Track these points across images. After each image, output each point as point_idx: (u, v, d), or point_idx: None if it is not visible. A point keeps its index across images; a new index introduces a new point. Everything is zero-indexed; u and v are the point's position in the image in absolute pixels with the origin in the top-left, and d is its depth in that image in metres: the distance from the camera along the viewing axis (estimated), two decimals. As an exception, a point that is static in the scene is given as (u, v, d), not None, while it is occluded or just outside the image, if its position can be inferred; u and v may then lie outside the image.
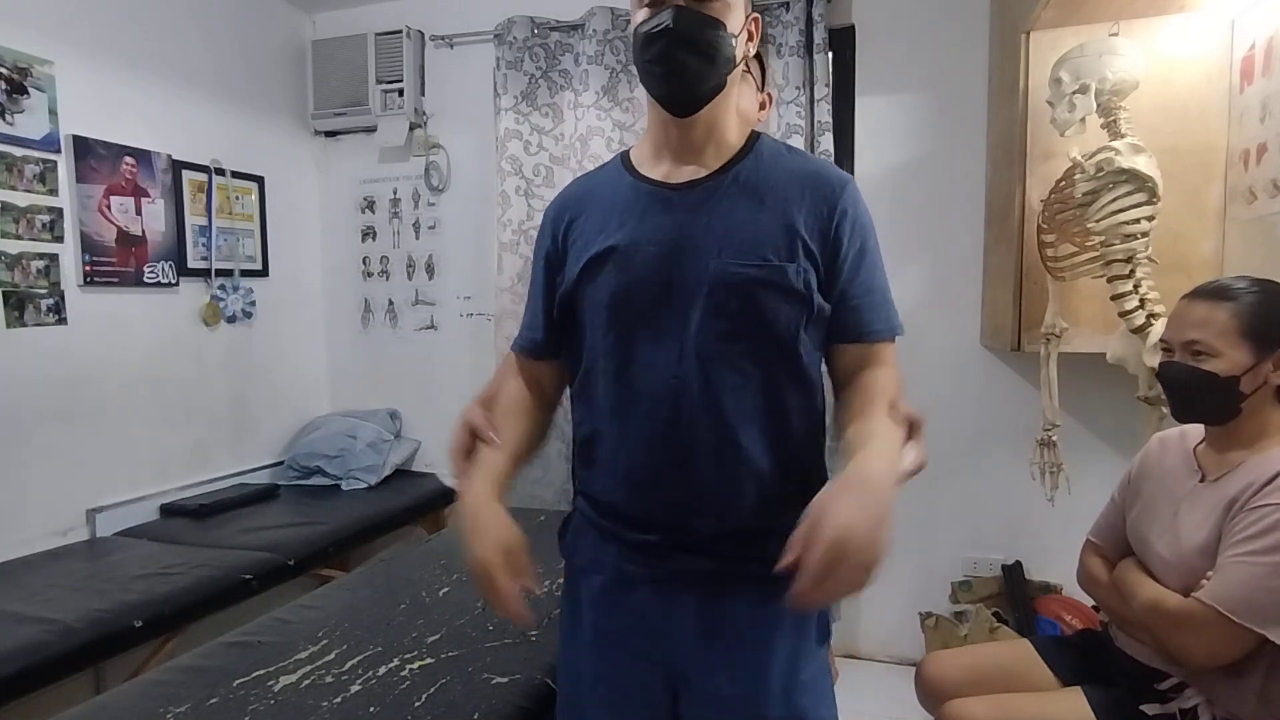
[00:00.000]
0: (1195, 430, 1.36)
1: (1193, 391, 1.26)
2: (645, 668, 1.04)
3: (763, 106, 1.49)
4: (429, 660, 1.47)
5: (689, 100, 0.97)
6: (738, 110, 1.06)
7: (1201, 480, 1.29)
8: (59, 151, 2.21)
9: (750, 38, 1.04)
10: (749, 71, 1.09)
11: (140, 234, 2.44)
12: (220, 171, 2.73)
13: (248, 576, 2.05)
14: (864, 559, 0.78)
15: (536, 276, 1.11)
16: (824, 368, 1.04)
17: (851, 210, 0.98)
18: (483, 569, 0.95)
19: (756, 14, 1.05)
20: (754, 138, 1.04)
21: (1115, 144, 1.76)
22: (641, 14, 0.97)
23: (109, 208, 2.35)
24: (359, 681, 1.38)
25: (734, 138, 1.02)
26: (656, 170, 1.02)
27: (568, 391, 1.13)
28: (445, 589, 1.84)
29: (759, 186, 0.98)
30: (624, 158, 1.08)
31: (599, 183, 1.08)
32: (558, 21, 2.75)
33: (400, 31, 2.92)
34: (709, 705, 1.02)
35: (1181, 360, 1.26)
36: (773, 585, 0.85)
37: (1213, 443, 1.30)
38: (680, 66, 0.95)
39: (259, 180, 2.92)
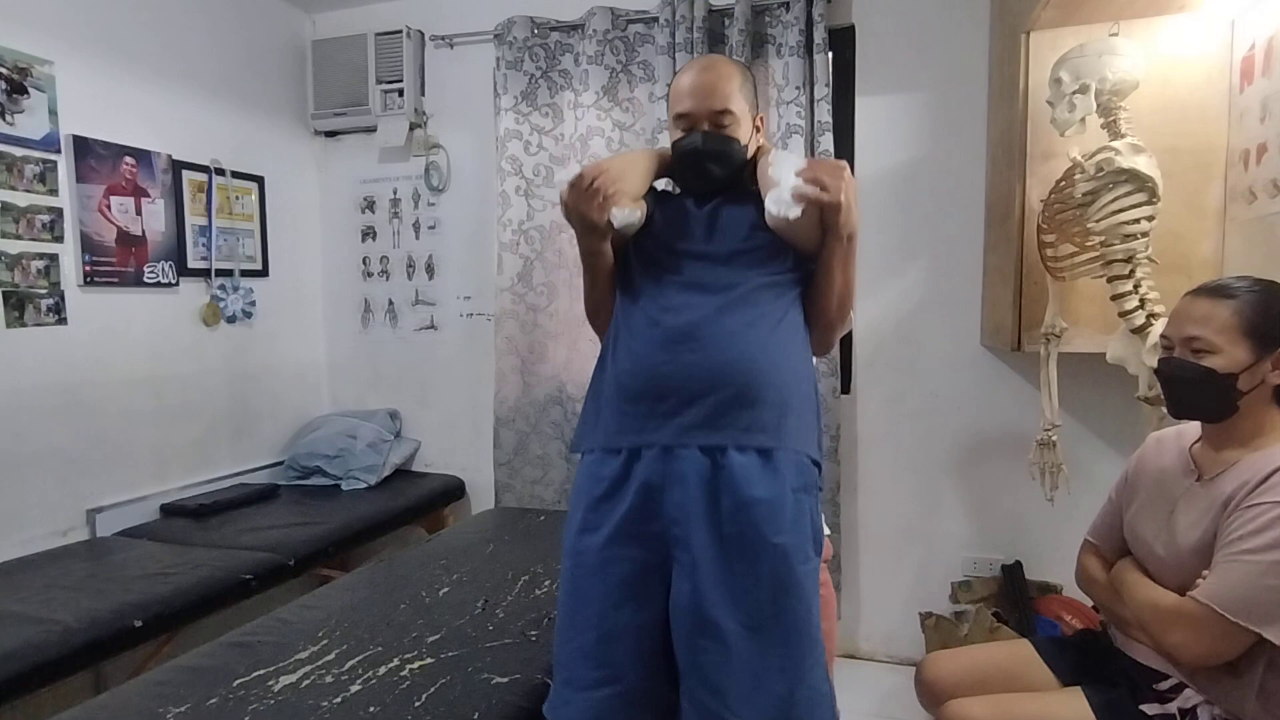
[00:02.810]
0: (1191, 429, 1.36)
1: (1190, 387, 1.26)
2: (642, 551, 1.19)
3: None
4: (429, 660, 1.47)
5: (714, 193, 1.37)
6: None
7: (1197, 479, 1.29)
8: (59, 151, 2.21)
9: (757, 130, 1.40)
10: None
11: (140, 234, 2.45)
12: (220, 171, 2.73)
13: (248, 576, 2.05)
14: (844, 176, 1.20)
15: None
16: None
17: None
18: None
19: (761, 114, 1.42)
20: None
21: (1115, 144, 1.76)
22: (677, 133, 1.36)
23: (109, 208, 2.35)
24: (359, 681, 1.38)
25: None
26: None
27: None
28: (445, 589, 1.84)
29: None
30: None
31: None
32: (558, 21, 2.75)
33: (400, 31, 2.92)
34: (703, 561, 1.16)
35: (1181, 356, 1.26)
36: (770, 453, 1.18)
37: (1208, 441, 1.30)
38: (709, 174, 1.36)
39: (259, 180, 2.92)
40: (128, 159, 2.41)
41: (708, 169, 1.34)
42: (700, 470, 1.17)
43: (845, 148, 2.56)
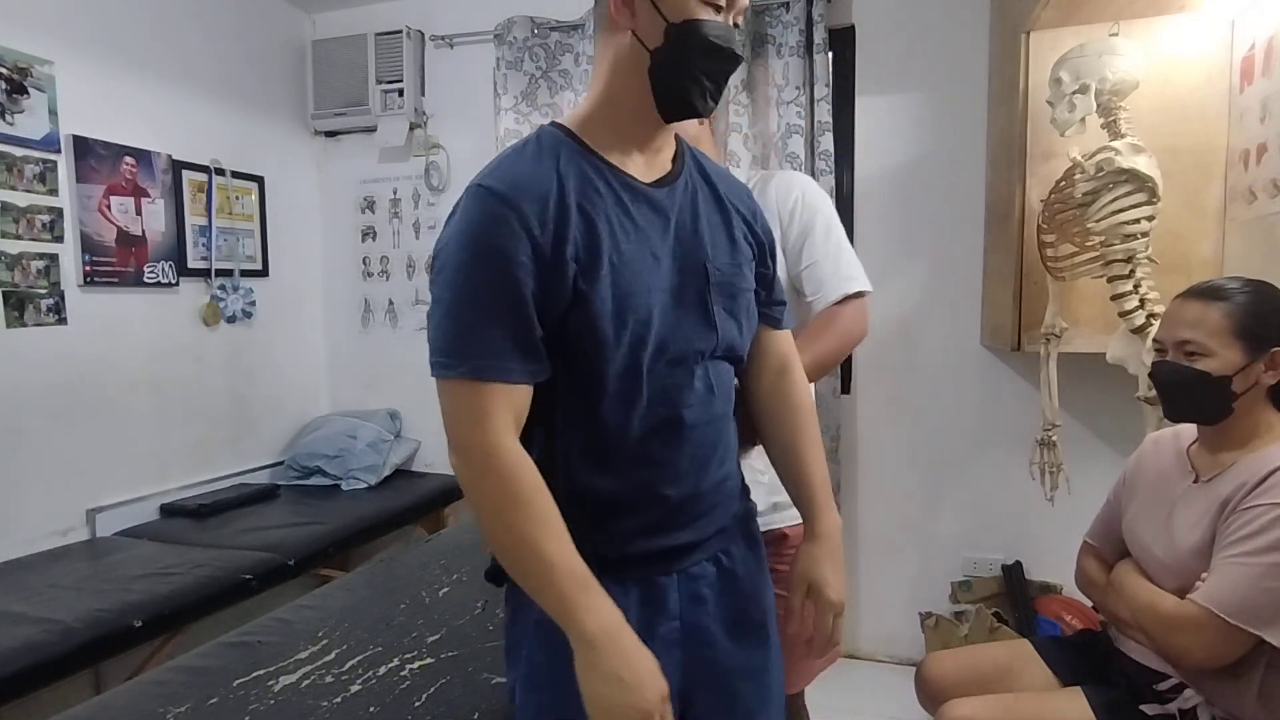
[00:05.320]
0: (1189, 430, 1.36)
1: (1185, 391, 1.26)
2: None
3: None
4: (429, 660, 1.47)
5: (704, 113, 0.93)
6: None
7: (1195, 481, 1.29)
8: (59, 151, 2.21)
9: None
10: None
11: (140, 234, 2.45)
12: (220, 171, 2.73)
13: (248, 576, 2.05)
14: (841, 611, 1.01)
15: (508, 287, 0.84)
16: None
17: (762, 209, 1.09)
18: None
19: None
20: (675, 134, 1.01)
21: (1115, 144, 1.76)
22: (706, 13, 0.87)
23: (109, 208, 2.35)
24: (359, 681, 1.38)
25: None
26: (628, 164, 0.93)
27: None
28: (445, 589, 1.84)
29: (714, 187, 1.02)
30: (580, 144, 0.93)
31: (567, 172, 0.90)
32: (558, 21, 2.75)
33: (400, 31, 2.92)
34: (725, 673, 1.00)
35: (1174, 360, 1.26)
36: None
37: (1205, 443, 1.30)
38: (723, 86, 0.93)
39: (259, 180, 2.92)
40: (128, 159, 2.40)
41: (726, 81, 0.94)
42: (713, 585, 0.98)
43: (845, 148, 2.56)
